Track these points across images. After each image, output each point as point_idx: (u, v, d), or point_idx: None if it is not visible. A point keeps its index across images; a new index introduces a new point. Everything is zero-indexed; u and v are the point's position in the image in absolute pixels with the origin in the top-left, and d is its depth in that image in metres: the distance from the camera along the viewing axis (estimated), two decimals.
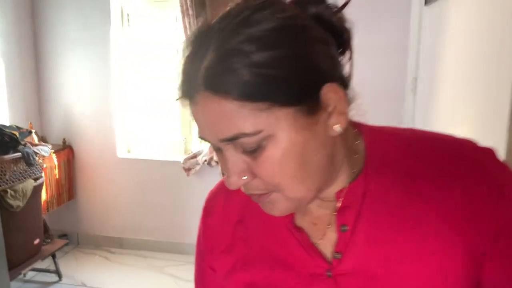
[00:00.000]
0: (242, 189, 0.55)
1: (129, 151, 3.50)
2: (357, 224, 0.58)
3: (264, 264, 0.63)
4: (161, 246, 3.44)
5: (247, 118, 0.48)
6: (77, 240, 3.61)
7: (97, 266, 3.26)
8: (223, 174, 3.02)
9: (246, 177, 0.53)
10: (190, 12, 2.81)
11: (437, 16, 1.86)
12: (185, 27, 2.89)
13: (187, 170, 3.19)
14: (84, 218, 3.56)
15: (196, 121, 0.53)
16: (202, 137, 0.54)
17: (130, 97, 3.43)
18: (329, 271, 0.59)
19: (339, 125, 0.52)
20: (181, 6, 2.86)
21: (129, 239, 3.51)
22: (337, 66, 0.54)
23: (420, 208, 0.56)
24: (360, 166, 0.59)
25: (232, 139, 0.49)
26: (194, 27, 2.76)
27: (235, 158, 0.52)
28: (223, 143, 0.51)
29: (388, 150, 0.59)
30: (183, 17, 2.87)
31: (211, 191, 0.75)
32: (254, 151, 0.50)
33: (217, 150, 0.54)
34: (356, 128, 0.61)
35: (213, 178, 3.19)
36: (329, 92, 0.50)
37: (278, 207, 0.55)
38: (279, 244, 0.63)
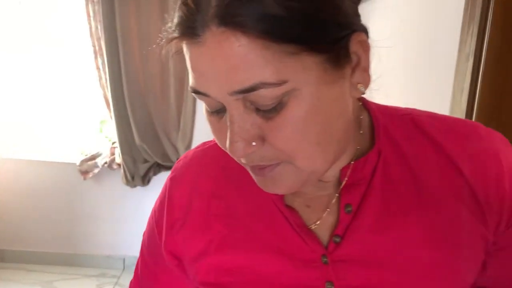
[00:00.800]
0: (243, 160, 0.46)
1: (13, 151, 3.14)
2: (363, 205, 0.52)
3: (246, 247, 0.56)
4: (51, 258, 3.16)
5: (270, 63, 0.39)
6: None
7: None
8: (127, 179, 2.79)
9: (255, 144, 0.44)
10: None
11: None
12: (88, 15, 2.63)
13: (84, 173, 2.97)
14: None
15: (197, 68, 0.43)
16: (199, 92, 0.44)
17: (17, 86, 3.08)
18: (325, 256, 0.53)
19: (362, 84, 0.46)
20: None
21: (11, 251, 3.17)
22: (358, 14, 0.47)
23: (431, 191, 0.52)
24: (365, 143, 0.54)
25: (249, 91, 0.40)
26: (99, 16, 2.55)
27: (244, 119, 0.43)
28: (233, 98, 0.42)
29: (396, 128, 0.55)
30: (87, 4, 2.61)
31: (182, 159, 0.64)
32: (270, 110, 0.42)
33: (214, 112, 0.46)
34: (360, 101, 0.55)
35: (114, 182, 2.97)
36: (357, 43, 0.44)
37: (284, 181, 0.47)
38: (266, 225, 0.56)
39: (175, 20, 0.43)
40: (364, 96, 0.50)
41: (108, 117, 2.87)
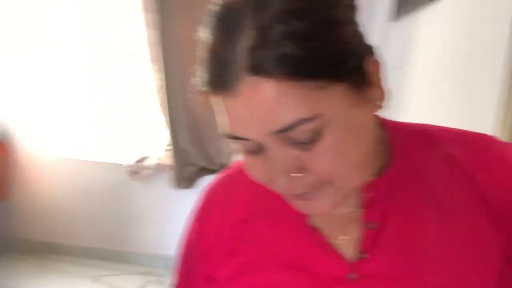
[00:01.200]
0: (286, 191, 0.48)
1: (69, 151, 3.28)
2: (386, 221, 0.54)
3: (274, 267, 0.58)
4: (100, 253, 3.27)
5: (303, 101, 0.42)
6: (6, 246, 3.31)
7: (29, 274, 3.03)
8: (174, 181, 2.85)
9: (298, 175, 0.46)
10: None
11: (405, 31, 1.85)
12: (145, 23, 2.74)
13: (134, 174, 3.05)
14: (16, 221, 3.30)
15: (234, 117, 0.45)
16: (237, 137, 0.46)
17: (78, 89, 3.21)
18: (351, 273, 0.55)
19: (380, 100, 0.49)
20: None
21: (65, 245, 3.30)
22: (364, 35, 0.49)
23: (450, 203, 0.54)
24: (384, 159, 0.56)
25: (288, 129, 0.43)
26: (154, 24, 2.65)
27: (284, 155, 0.45)
28: (272, 137, 0.44)
29: (412, 143, 0.57)
30: (144, 13, 2.72)
31: (209, 188, 0.67)
32: (308, 142, 0.44)
33: (252, 152, 0.48)
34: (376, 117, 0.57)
35: (162, 184, 3.06)
36: (371, 64, 0.47)
37: (327, 202, 0.49)
38: (292, 244, 0.58)
39: (204, 75, 0.45)
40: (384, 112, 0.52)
41: (161, 121, 2.97)
